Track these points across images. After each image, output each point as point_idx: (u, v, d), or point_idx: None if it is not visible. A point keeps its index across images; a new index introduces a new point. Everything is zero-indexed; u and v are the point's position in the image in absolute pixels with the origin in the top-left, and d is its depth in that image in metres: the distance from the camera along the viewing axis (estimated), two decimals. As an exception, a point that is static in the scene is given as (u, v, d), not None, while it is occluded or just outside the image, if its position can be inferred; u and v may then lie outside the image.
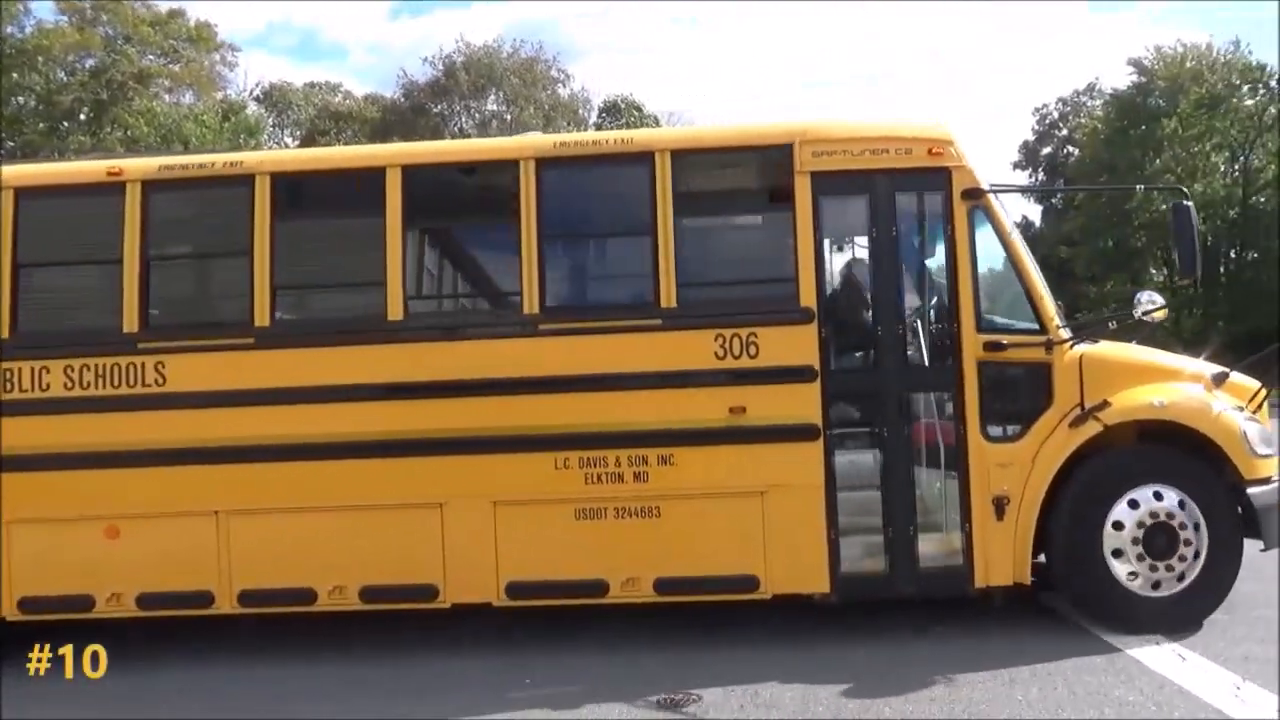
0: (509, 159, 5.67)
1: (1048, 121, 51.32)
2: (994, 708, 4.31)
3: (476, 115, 43.12)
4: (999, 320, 5.63)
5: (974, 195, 5.53)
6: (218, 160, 5.86)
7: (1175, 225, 5.57)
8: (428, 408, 5.49)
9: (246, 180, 5.63)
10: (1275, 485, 5.45)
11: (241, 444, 5.46)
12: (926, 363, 5.66)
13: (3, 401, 5.54)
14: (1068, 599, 5.62)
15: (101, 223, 5.79)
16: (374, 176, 5.62)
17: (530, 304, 5.45)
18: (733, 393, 5.38)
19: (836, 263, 5.81)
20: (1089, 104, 50.03)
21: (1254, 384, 5.76)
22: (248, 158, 5.94)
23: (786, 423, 5.36)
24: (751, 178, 5.99)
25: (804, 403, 5.36)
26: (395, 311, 5.49)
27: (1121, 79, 47.59)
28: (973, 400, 5.40)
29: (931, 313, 5.76)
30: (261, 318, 5.53)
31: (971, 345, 5.42)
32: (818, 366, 5.38)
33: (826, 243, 5.64)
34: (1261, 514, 5.36)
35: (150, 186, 5.66)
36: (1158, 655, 4.91)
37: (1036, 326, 5.53)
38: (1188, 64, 44.05)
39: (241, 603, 5.50)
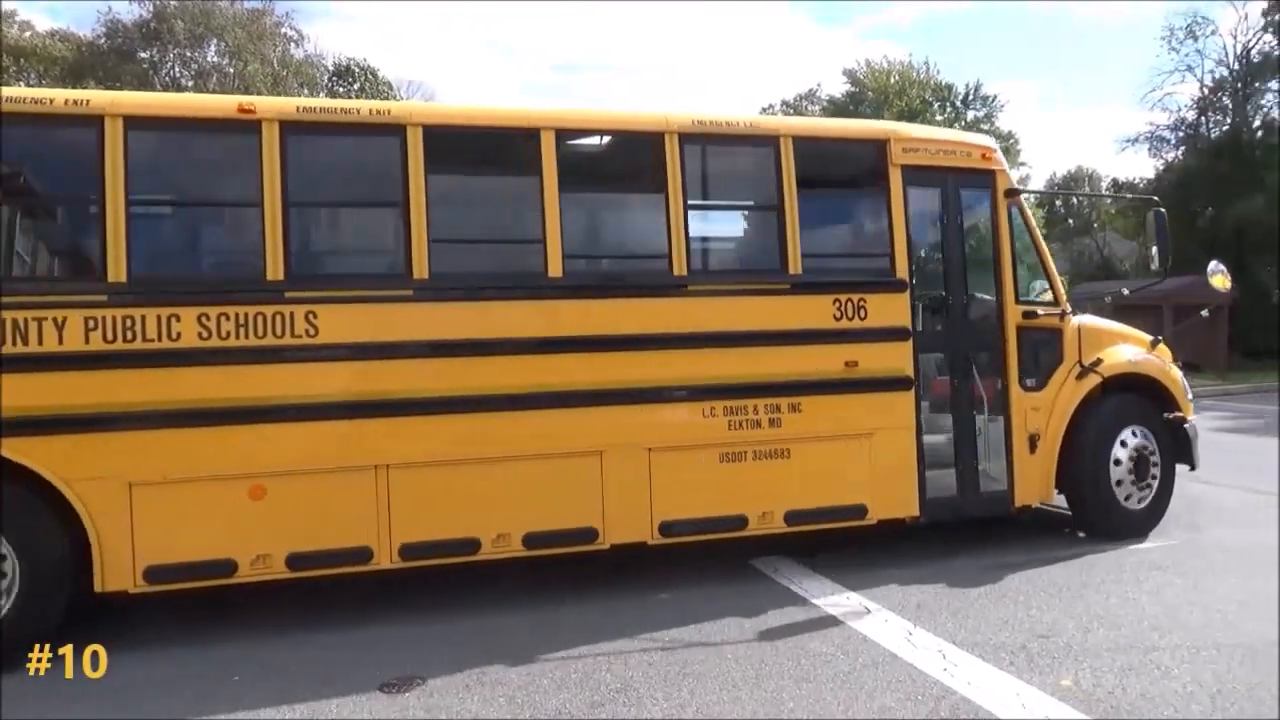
0: (655, 131, 5.98)
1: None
2: (705, 667, 4.62)
3: (194, 66, 39.40)
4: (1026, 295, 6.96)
5: (1011, 194, 6.86)
6: (362, 107, 5.58)
7: (1154, 228, 7.11)
8: (588, 361, 5.71)
9: (397, 130, 5.46)
10: (1194, 421, 7.32)
11: (407, 397, 5.36)
12: (983, 326, 6.82)
13: (124, 351, 4.96)
14: (1080, 518, 7.12)
15: (231, 162, 5.36)
16: (530, 136, 5.70)
17: (679, 266, 5.86)
18: (847, 349, 6.19)
19: (917, 241, 6.73)
20: (810, 108, 55.33)
21: (1167, 349, 7.55)
22: (395, 107, 5.63)
23: (889, 375, 6.29)
24: (854, 166, 6.73)
25: (901, 358, 6.32)
26: (555, 269, 5.64)
27: (838, 87, 53.34)
28: (1013, 357, 6.70)
29: (984, 286, 6.92)
30: (420, 270, 5.41)
31: (1013, 314, 6.73)
32: (910, 328, 6.36)
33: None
34: (1193, 443, 7.19)
35: (289, 128, 5.29)
36: (848, 608, 5.47)
37: (1053, 300, 6.96)
38: (893, 79, 50.18)
39: (403, 556, 5.40)
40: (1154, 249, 7.08)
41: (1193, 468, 7.28)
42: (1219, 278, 7.31)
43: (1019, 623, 5.17)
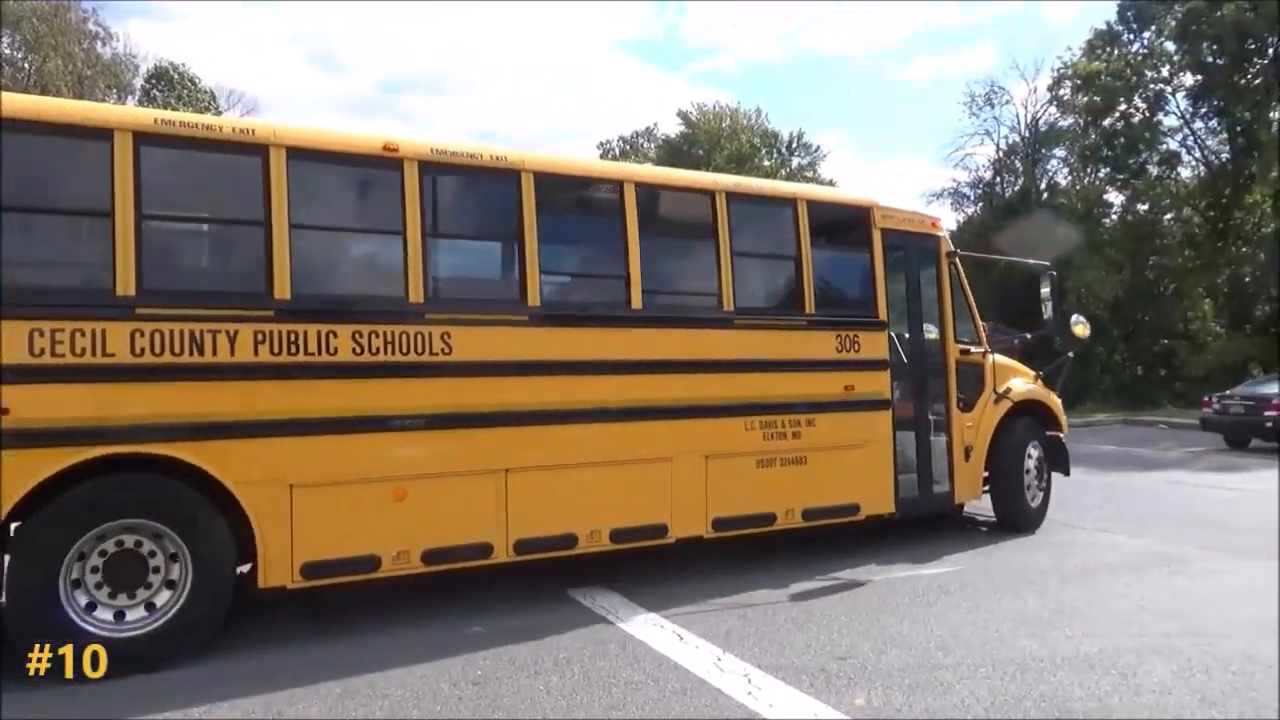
0: (708, 189, 7.17)
1: (609, 156, 58.10)
2: (517, 700, 4.54)
3: (-17, 58, 36.54)
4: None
5: (950, 256, 8.60)
6: (484, 153, 6.23)
7: (1050, 286, 9.05)
8: (663, 381, 6.68)
9: (514, 175, 6.23)
10: (1064, 436, 9.41)
11: (524, 409, 6.12)
12: (932, 360, 8.43)
13: (288, 363, 5.43)
14: (1001, 514, 8.92)
15: (377, 195, 5.97)
16: (615, 188, 6.70)
17: (728, 303, 6.99)
18: (846, 376, 7.58)
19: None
20: (646, 146, 57.66)
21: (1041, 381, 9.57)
22: (511, 154, 6.30)
23: (875, 397, 7.75)
24: (845, 228, 8.11)
25: (883, 383, 7.81)
26: (636, 302, 6.60)
27: (673, 128, 56.03)
28: (953, 386, 8.41)
29: (932, 328, 8.56)
30: (533, 299, 6.18)
31: (952, 351, 8.45)
32: (888, 360, 7.85)
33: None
34: (1068, 455, 9.27)
35: (425, 167, 5.93)
36: (660, 636, 5.55)
37: (977, 341, 8.77)
38: (724, 122, 53.31)
39: (516, 551, 6.10)
40: (1047, 303, 9.04)
41: (1066, 474, 9.35)
42: (1080, 327, 9.17)
43: (820, 646, 5.37)
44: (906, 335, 8.39)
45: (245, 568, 5.60)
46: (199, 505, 5.24)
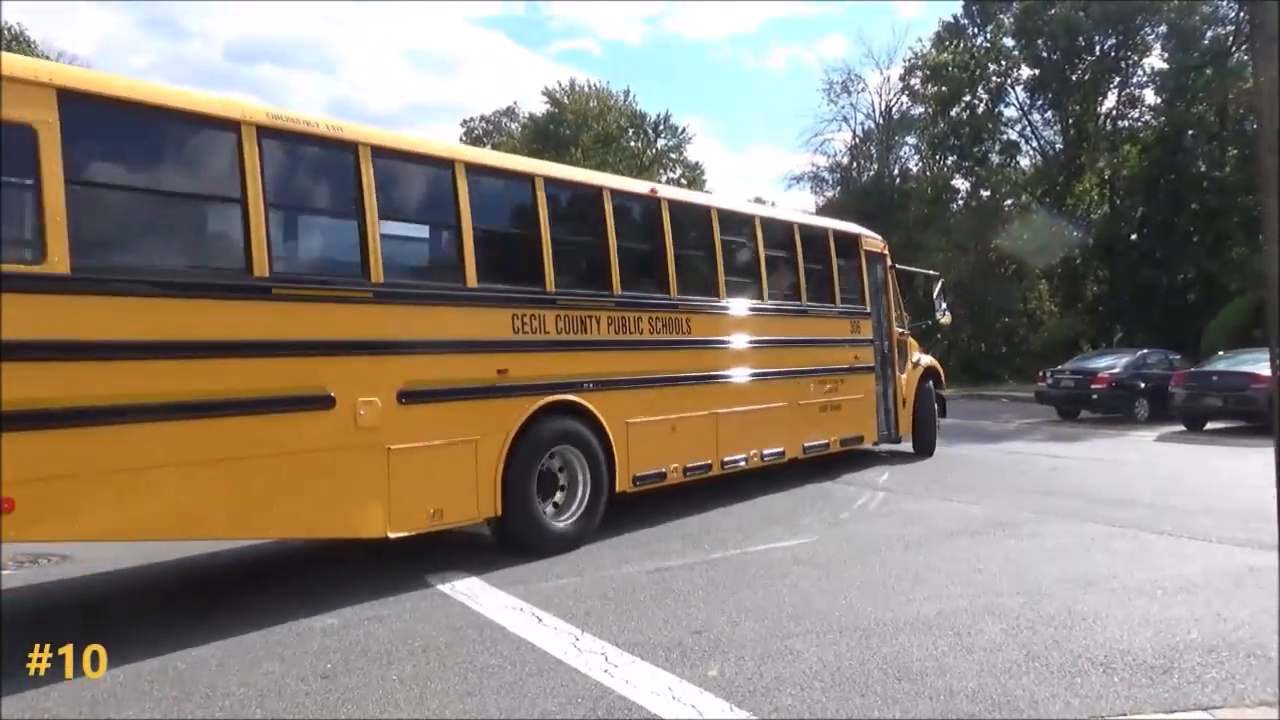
0: (789, 222, 11.69)
1: (474, 135, 57.24)
2: (367, 691, 4.45)
3: None
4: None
5: (891, 268, 13.52)
6: (694, 197, 10.88)
7: (938, 288, 14.44)
8: (779, 352, 10.60)
9: (707, 213, 9.92)
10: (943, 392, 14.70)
11: (723, 370, 9.68)
12: (885, 339, 13.18)
13: (619, 339, 8.35)
14: (917, 444, 13.76)
15: (648, 222, 9.15)
16: (749, 221, 10.64)
17: (803, 298, 11.37)
18: (855, 350, 12.34)
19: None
20: (509, 124, 56.87)
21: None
22: (702, 197, 11.00)
23: (867, 364, 12.56)
24: (845, 248, 12.46)
25: (870, 355, 12.64)
26: (767, 298, 10.53)
27: (538, 106, 55.41)
28: (896, 356, 13.35)
29: (885, 316, 13.28)
30: (723, 296, 9.80)
31: (894, 332, 13.39)
32: (872, 339, 12.60)
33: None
34: (945, 403, 14.74)
35: (671, 205, 9.32)
36: (518, 619, 5.57)
37: (903, 325, 13.72)
38: (592, 102, 53.15)
39: (722, 468, 9.49)
40: (938, 301, 14.36)
41: (944, 417, 14.60)
42: (944, 317, 14.48)
43: (677, 621, 5.48)
44: (876, 320, 12.94)
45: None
46: (590, 437, 7.95)
